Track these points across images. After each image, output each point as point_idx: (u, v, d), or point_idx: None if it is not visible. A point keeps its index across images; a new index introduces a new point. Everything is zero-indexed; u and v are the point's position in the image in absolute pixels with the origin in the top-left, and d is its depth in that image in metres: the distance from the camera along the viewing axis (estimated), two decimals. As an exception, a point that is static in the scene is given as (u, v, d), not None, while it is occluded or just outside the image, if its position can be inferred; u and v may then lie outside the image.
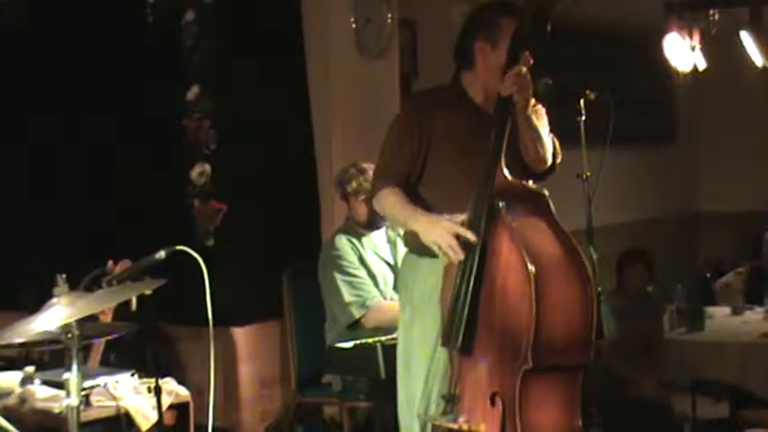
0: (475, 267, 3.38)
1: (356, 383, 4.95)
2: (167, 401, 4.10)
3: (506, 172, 3.43)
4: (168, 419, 4.15)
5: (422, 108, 3.84)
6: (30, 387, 4.16)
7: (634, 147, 7.68)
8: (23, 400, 4.11)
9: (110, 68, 5.62)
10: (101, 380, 4.12)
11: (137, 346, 4.38)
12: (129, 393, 4.13)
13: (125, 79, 5.58)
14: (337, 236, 5.05)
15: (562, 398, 3.33)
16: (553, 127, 3.82)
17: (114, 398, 4.07)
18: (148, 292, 3.44)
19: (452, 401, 3.49)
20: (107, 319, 4.37)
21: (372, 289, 4.94)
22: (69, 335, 3.12)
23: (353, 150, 5.36)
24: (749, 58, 6.42)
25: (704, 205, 8.95)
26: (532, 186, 3.50)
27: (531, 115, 3.64)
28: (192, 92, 5.46)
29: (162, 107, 5.50)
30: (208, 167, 5.46)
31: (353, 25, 5.64)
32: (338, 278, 4.94)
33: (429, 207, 3.69)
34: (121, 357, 4.71)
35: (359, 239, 5.04)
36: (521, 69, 3.51)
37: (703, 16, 6.39)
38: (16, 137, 5.96)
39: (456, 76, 3.83)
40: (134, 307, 3.58)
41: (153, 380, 3.88)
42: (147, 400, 4.07)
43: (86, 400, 3.95)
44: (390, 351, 4.12)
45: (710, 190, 8.83)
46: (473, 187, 3.46)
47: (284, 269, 5.32)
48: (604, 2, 7.26)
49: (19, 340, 3.29)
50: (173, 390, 4.23)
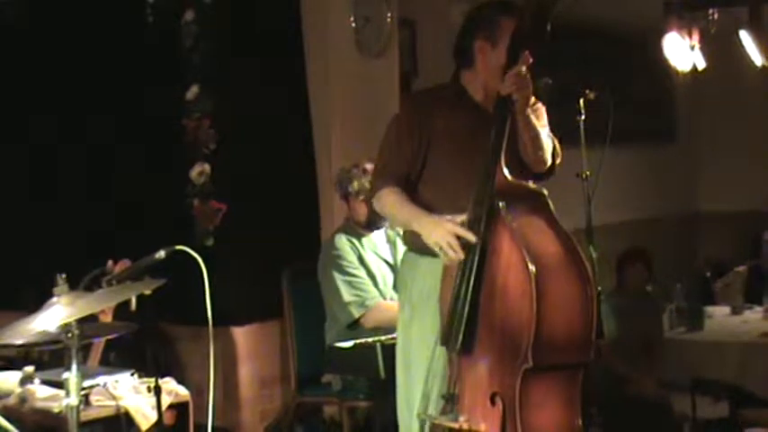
0: (475, 267, 3.38)
1: (356, 383, 4.95)
2: (167, 401, 4.10)
3: (506, 171, 3.43)
4: (168, 419, 4.15)
5: (421, 107, 3.83)
6: (29, 387, 4.16)
7: (634, 146, 7.68)
8: (23, 400, 4.10)
9: (109, 68, 5.62)
10: (100, 379, 4.11)
11: (136, 346, 4.38)
12: (129, 393, 4.12)
13: (125, 79, 5.57)
14: (337, 235, 5.05)
15: (562, 397, 3.33)
16: (553, 126, 3.82)
17: (114, 397, 4.07)
18: (148, 292, 3.45)
19: (452, 401, 3.49)
20: (107, 319, 4.37)
21: (372, 289, 4.94)
22: (69, 334, 3.12)
23: (353, 150, 5.36)
24: (748, 58, 6.41)
25: (704, 204, 8.94)
26: (532, 186, 3.50)
27: (531, 114, 3.63)
28: (192, 91, 5.46)
29: (161, 107, 5.50)
30: (207, 167, 5.46)
31: (353, 25, 5.64)
32: (338, 278, 4.94)
33: (429, 206, 3.69)
34: (121, 357, 4.71)
35: (359, 239, 5.04)
36: (520, 69, 3.51)
37: (703, 16, 6.38)
38: (16, 137, 5.95)
39: (456, 75, 3.83)
40: (134, 307, 3.59)
41: (153, 379, 3.88)
42: (147, 400, 4.07)
43: (86, 400, 3.95)
44: (390, 350, 4.12)
45: (710, 189, 8.82)
46: (473, 186, 3.45)
47: (284, 269, 5.33)
48: (604, 1, 7.26)
49: (19, 342, 3.30)
50: (172, 389, 4.22)
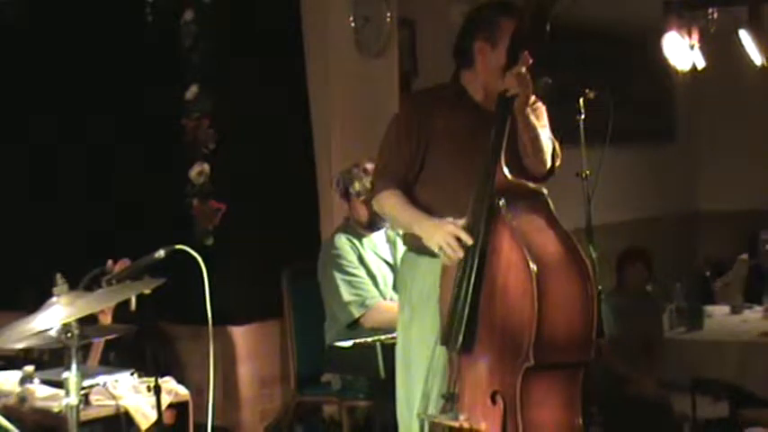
0: (475, 266, 3.38)
1: (355, 382, 4.95)
2: (167, 400, 4.09)
3: (506, 171, 3.43)
4: (167, 418, 4.15)
5: (421, 107, 3.83)
6: (29, 386, 4.16)
7: (633, 146, 7.68)
8: (23, 400, 4.10)
9: (109, 68, 5.62)
10: (100, 379, 4.11)
11: (136, 346, 4.38)
12: (129, 392, 4.12)
13: (124, 79, 5.58)
14: (337, 235, 5.05)
15: (563, 396, 3.34)
16: (553, 126, 3.82)
17: (114, 397, 4.07)
18: (148, 292, 3.45)
19: (452, 400, 3.49)
20: (107, 319, 4.38)
21: (372, 288, 4.94)
22: (69, 334, 3.12)
23: (353, 150, 5.36)
24: (748, 57, 6.41)
25: (703, 204, 8.94)
26: (532, 185, 3.50)
27: (531, 115, 3.64)
28: (191, 91, 5.46)
29: (161, 107, 5.50)
30: (207, 167, 5.46)
31: (353, 24, 5.64)
32: (337, 277, 4.94)
33: (428, 207, 3.69)
34: (121, 356, 4.71)
35: (359, 239, 5.03)
36: (520, 69, 3.51)
37: (702, 15, 6.37)
38: (16, 137, 5.95)
39: (455, 75, 3.83)
40: (133, 306, 3.59)
41: (152, 379, 3.87)
42: (147, 400, 4.07)
43: (86, 400, 3.94)
44: (390, 350, 4.12)
45: (710, 189, 8.82)
46: (473, 186, 3.46)
47: (284, 269, 5.32)
48: (604, 1, 7.25)
49: (19, 345, 3.30)
50: (172, 389, 4.22)
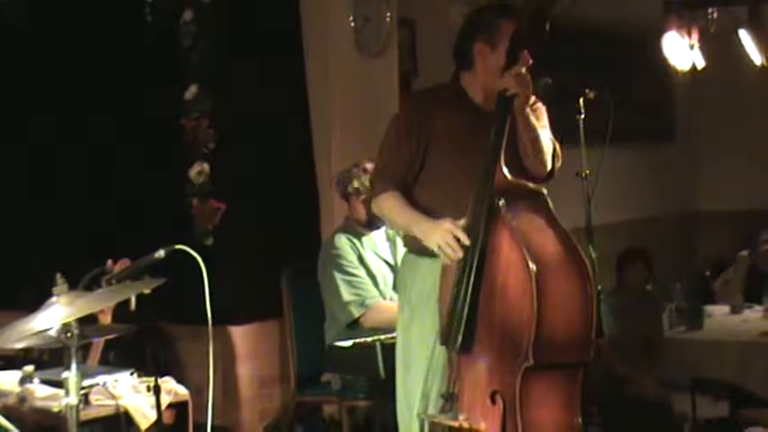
0: (474, 266, 3.38)
1: (355, 382, 4.95)
2: (166, 400, 4.09)
3: (506, 171, 3.43)
4: (167, 418, 4.15)
5: (421, 107, 3.83)
6: (29, 386, 4.16)
7: (633, 145, 7.68)
8: (23, 399, 4.10)
9: (109, 68, 5.62)
10: (100, 379, 4.11)
11: (136, 345, 4.38)
12: (129, 392, 4.12)
13: (124, 79, 5.58)
14: (337, 235, 5.05)
15: (562, 396, 3.34)
16: (553, 126, 3.82)
17: (113, 397, 4.07)
18: (148, 291, 3.45)
19: (452, 400, 3.49)
20: (106, 319, 4.38)
21: (372, 288, 4.94)
22: (69, 334, 3.12)
23: (353, 150, 5.36)
24: (748, 57, 6.41)
25: (703, 204, 8.94)
26: (532, 185, 3.50)
27: (531, 115, 3.64)
28: (191, 91, 5.46)
29: (161, 107, 5.50)
30: (206, 167, 5.46)
31: (352, 24, 5.64)
32: (338, 277, 4.94)
33: (428, 207, 3.69)
34: (121, 356, 4.71)
35: (359, 239, 5.04)
36: (519, 69, 3.51)
37: (702, 15, 6.38)
38: (16, 137, 5.95)
39: (455, 76, 3.82)
40: (133, 306, 3.59)
41: (152, 379, 3.87)
42: (147, 399, 4.07)
43: (85, 399, 3.94)
44: (389, 350, 4.12)
45: (710, 188, 8.82)
46: (473, 186, 3.46)
47: (283, 269, 5.32)
48: (604, 1, 7.26)
49: (19, 345, 3.30)
50: (172, 389, 4.22)
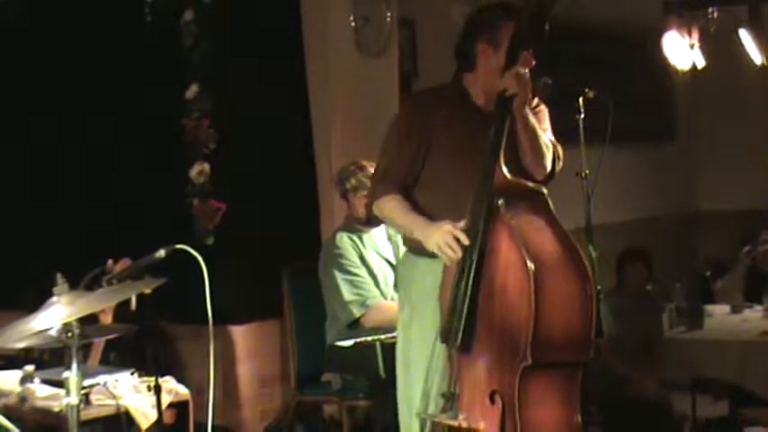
0: (474, 266, 3.38)
1: (356, 382, 4.96)
2: (167, 400, 4.10)
3: (505, 170, 3.44)
4: (168, 418, 4.15)
5: (421, 107, 3.83)
6: (29, 386, 4.16)
7: (633, 145, 7.68)
8: (23, 399, 4.11)
9: (109, 68, 5.63)
10: (100, 378, 4.12)
11: (137, 345, 4.38)
12: (129, 392, 4.13)
13: (124, 79, 5.58)
14: (338, 234, 5.05)
15: (561, 395, 3.34)
16: (553, 126, 3.82)
17: (114, 396, 4.07)
18: (148, 291, 3.45)
19: (452, 399, 3.49)
20: (107, 319, 4.38)
21: (373, 288, 4.94)
22: (69, 334, 3.12)
23: (353, 150, 5.36)
24: (748, 57, 6.41)
25: (703, 204, 8.94)
26: (531, 184, 3.50)
27: (530, 115, 3.64)
28: (191, 91, 5.46)
29: (161, 106, 5.50)
30: (207, 166, 5.47)
31: (353, 24, 5.64)
32: (339, 277, 4.94)
33: (428, 208, 3.69)
34: (121, 356, 4.71)
35: (360, 238, 5.04)
36: (519, 69, 3.51)
37: (702, 14, 6.38)
38: (16, 137, 5.96)
39: (457, 76, 3.82)
40: (134, 306, 3.59)
41: (153, 378, 3.88)
42: (147, 399, 4.08)
43: (86, 399, 3.94)
44: (390, 350, 4.12)
45: (710, 188, 8.82)
46: (472, 186, 3.46)
47: (284, 268, 5.33)
48: (604, 1, 7.25)
49: (20, 345, 3.30)
50: (172, 388, 4.23)
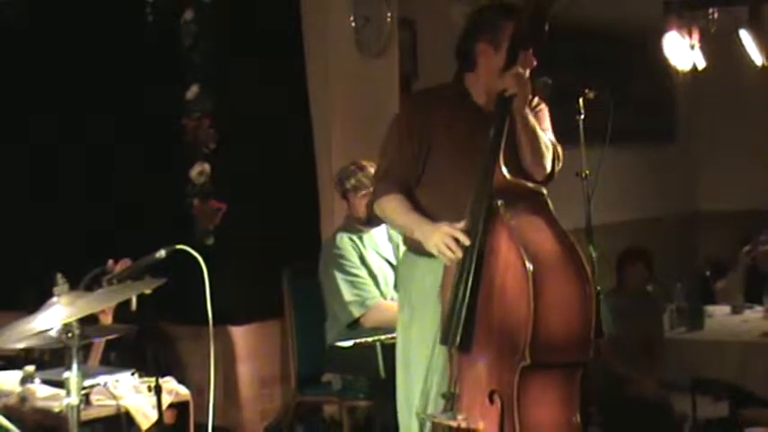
0: (473, 267, 3.38)
1: (356, 382, 4.96)
2: (167, 400, 4.10)
3: (505, 171, 3.44)
4: (168, 418, 4.15)
5: (422, 107, 3.83)
6: (30, 386, 4.16)
7: (633, 145, 7.69)
8: (24, 399, 4.10)
9: (109, 68, 5.62)
10: (101, 379, 4.11)
11: (137, 346, 4.37)
12: (130, 392, 4.13)
13: (125, 79, 5.57)
14: (339, 234, 5.05)
15: (560, 395, 3.34)
16: (553, 126, 3.82)
17: (114, 397, 4.07)
18: (148, 292, 3.45)
19: (452, 400, 3.49)
20: (107, 319, 4.38)
21: (373, 289, 4.94)
22: (70, 334, 3.12)
23: (353, 150, 5.36)
24: (748, 57, 6.42)
25: (703, 204, 8.95)
26: (531, 185, 3.50)
27: (530, 115, 3.64)
28: (192, 91, 5.46)
29: (161, 106, 5.50)
30: (207, 167, 5.46)
31: (353, 24, 5.64)
32: (339, 277, 4.94)
33: (428, 209, 3.69)
34: (122, 356, 4.71)
35: (360, 238, 5.04)
36: (518, 69, 3.51)
37: (702, 15, 6.38)
38: (16, 137, 5.95)
39: (458, 76, 3.82)
40: (134, 306, 3.59)
41: (153, 379, 3.88)
42: (148, 399, 4.07)
43: (86, 399, 3.94)
44: (390, 350, 4.12)
45: (710, 189, 8.83)
46: (472, 186, 3.46)
47: (284, 269, 5.33)
48: (604, 1, 7.26)
49: (20, 345, 3.30)
50: (173, 389, 4.23)
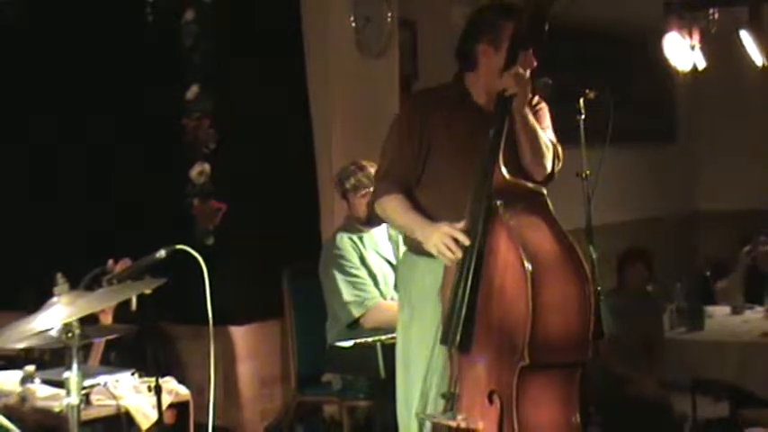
0: (472, 265, 3.38)
1: (356, 382, 4.96)
2: (167, 400, 4.10)
3: (504, 171, 3.43)
4: (168, 418, 4.15)
5: (422, 107, 3.83)
6: (30, 386, 4.16)
7: (634, 146, 7.68)
8: (24, 399, 4.11)
9: (109, 68, 5.62)
10: (101, 379, 4.12)
11: (137, 346, 4.38)
12: (130, 392, 4.13)
13: (125, 79, 5.58)
14: (339, 234, 5.05)
15: (559, 395, 3.33)
16: (553, 126, 3.82)
17: (114, 397, 4.07)
18: (148, 291, 3.45)
19: (452, 400, 3.49)
20: (107, 319, 4.38)
21: (372, 289, 4.94)
22: (70, 334, 3.13)
23: (353, 150, 5.36)
24: (749, 58, 6.42)
25: (703, 204, 8.94)
26: (530, 185, 3.50)
27: (530, 115, 3.64)
28: (192, 91, 5.46)
29: (161, 106, 5.50)
30: (207, 167, 5.47)
31: (353, 24, 5.64)
32: (339, 277, 4.94)
33: (428, 209, 3.69)
34: (122, 356, 4.71)
35: (360, 238, 5.04)
36: (518, 69, 3.51)
37: (703, 15, 6.38)
38: (16, 137, 5.95)
39: (458, 76, 3.82)
40: (134, 306, 3.60)
41: (153, 379, 3.88)
42: (148, 399, 4.08)
43: (87, 399, 3.95)
44: (390, 350, 4.12)
45: (710, 189, 8.82)
46: (472, 186, 3.46)
47: (284, 269, 5.33)
48: (604, 1, 7.26)
49: (20, 345, 3.30)
50: (173, 389, 4.23)
